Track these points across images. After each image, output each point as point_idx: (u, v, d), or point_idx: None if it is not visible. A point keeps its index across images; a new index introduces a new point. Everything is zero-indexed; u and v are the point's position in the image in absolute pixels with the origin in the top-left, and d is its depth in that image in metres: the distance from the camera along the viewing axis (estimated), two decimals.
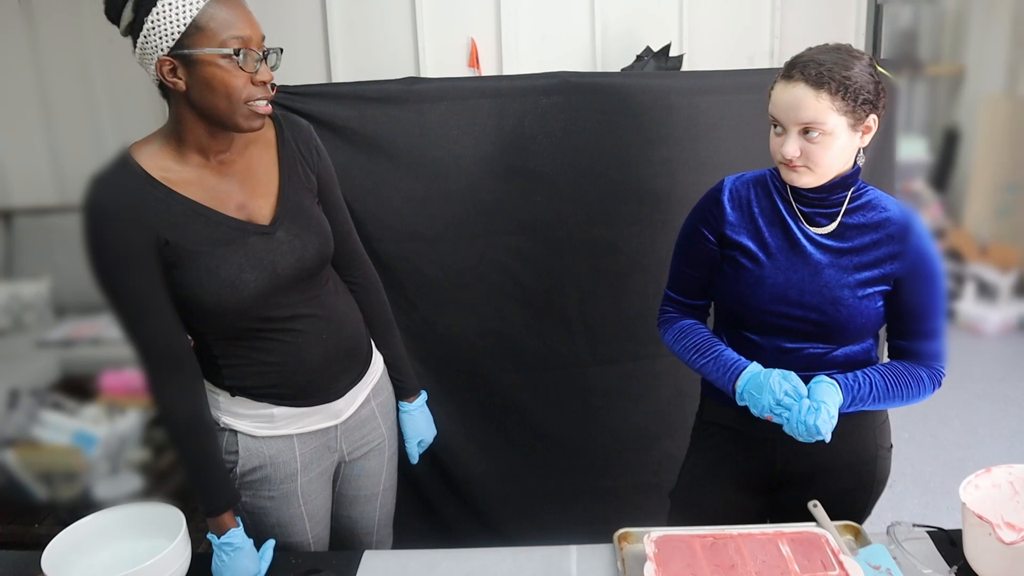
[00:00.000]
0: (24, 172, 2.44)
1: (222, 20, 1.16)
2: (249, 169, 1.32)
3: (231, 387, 1.36)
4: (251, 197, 1.31)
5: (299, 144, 1.38)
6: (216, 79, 1.17)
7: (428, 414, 1.68)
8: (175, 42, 1.16)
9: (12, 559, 1.40)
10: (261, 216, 1.31)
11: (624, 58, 2.20)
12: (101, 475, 1.99)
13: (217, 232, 1.25)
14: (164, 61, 1.17)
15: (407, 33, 2.20)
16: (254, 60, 1.19)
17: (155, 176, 1.22)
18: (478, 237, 2.03)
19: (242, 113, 1.21)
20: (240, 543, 1.32)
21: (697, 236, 1.46)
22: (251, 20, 1.20)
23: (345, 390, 1.44)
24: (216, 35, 1.16)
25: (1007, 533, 1.28)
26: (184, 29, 1.15)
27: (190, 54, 1.16)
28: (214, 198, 1.27)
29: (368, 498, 1.59)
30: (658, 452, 2.20)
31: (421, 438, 1.66)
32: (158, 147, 1.25)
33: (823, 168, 1.29)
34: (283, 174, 1.34)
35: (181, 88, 1.19)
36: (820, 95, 1.24)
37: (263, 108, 1.22)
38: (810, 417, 1.27)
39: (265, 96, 1.22)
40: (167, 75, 1.18)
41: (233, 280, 1.25)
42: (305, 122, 1.43)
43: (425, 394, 1.68)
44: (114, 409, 2.02)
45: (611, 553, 1.35)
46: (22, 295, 2.18)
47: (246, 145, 1.32)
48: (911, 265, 1.35)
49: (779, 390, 1.30)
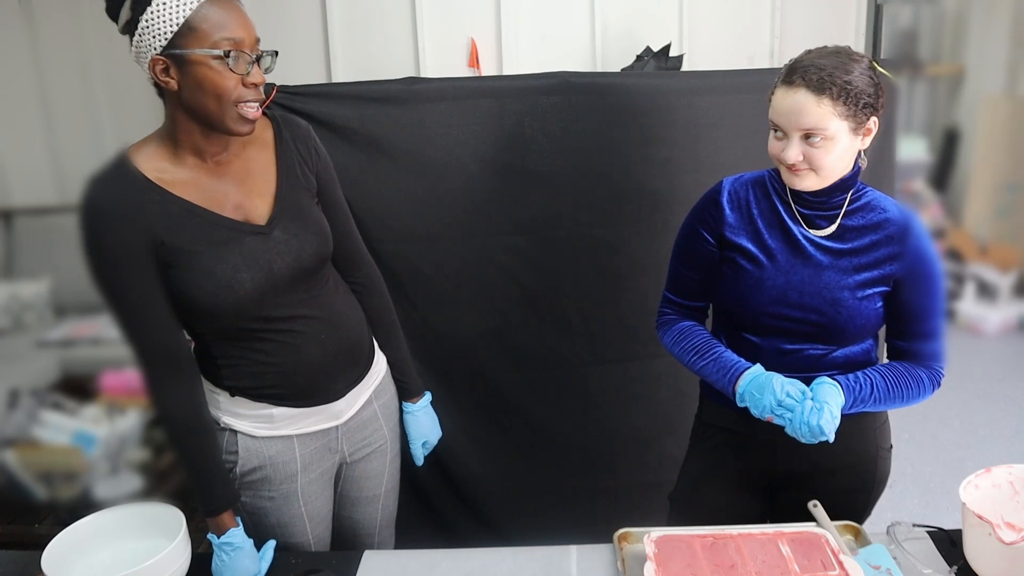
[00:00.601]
0: (24, 172, 2.44)
1: (214, 21, 1.16)
2: (246, 169, 1.32)
3: (230, 387, 1.36)
4: (248, 197, 1.31)
5: (297, 144, 1.38)
6: (207, 80, 1.18)
7: (433, 415, 1.68)
8: (168, 41, 1.16)
9: (12, 559, 1.40)
10: (258, 216, 1.31)
11: (624, 58, 2.20)
12: (101, 475, 1.99)
13: (213, 232, 1.25)
14: (157, 60, 1.17)
15: (407, 33, 2.20)
16: (246, 62, 1.19)
17: (151, 177, 1.23)
18: (478, 237, 2.03)
19: (231, 116, 1.21)
20: (240, 543, 1.31)
21: (696, 237, 1.46)
22: (245, 22, 1.21)
23: (345, 391, 1.44)
24: (208, 36, 1.16)
25: (1007, 533, 1.28)
26: (177, 29, 1.15)
27: (182, 54, 1.16)
28: (210, 199, 1.27)
29: (370, 499, 1.59)
30: (658, 452, 2.20)
31: (425, 439, 1.66)
32: (154, 148, 1.25)
33: (826, 171, 1.29)
34: (281, 174, 1.34)
35: (173, 88, 1.19)
36: (822, 101, 1.24)
37: (252, 112, 1.22)
38: (813, 417, 1.26)
39: (256, 98, 1.22)
40: (159, 74, 1.18)
41: (229, 280, 1.25)
42: (304, 122, 1.43)
43: (429, 395, 1.67)
44: (114, 409, 2.02)
45: (611, 553, 1.35)
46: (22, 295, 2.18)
47: (243, 146, 1.32)
48: (910, 266, 1.35)
49: (780, 391, 1.30)
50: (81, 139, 2.50)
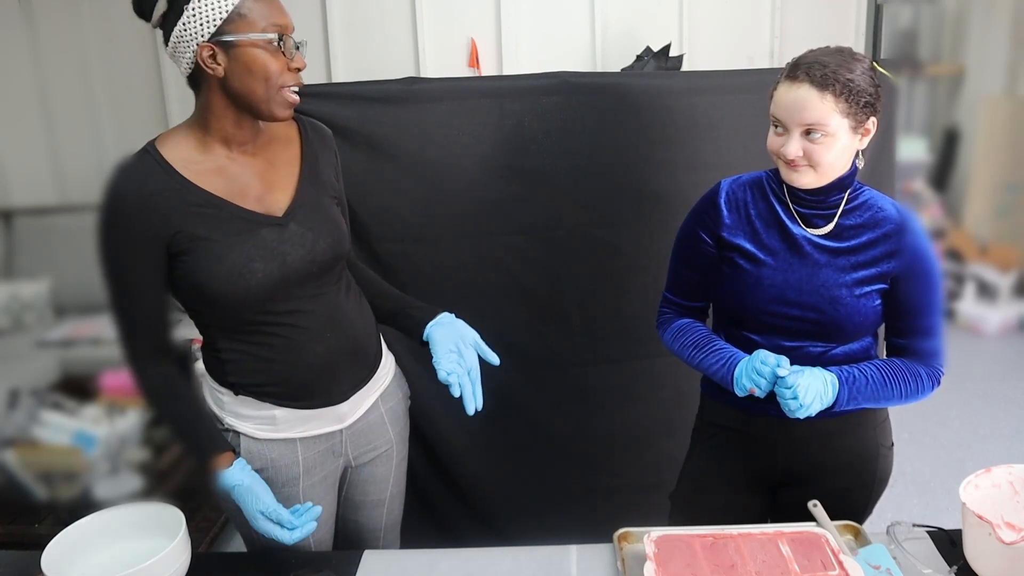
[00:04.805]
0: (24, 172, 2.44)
1: (261, 9, 1.22)
2: (270, 163, 1.34)
3: (234, 384, 1.36)
4: (269, 190, 1.33)
5: (322, 147, 1.42)
6: (257, 63, 1.22)
7: (459, 323, 1.46)
8: (216, 28, 1.20)
9: (12, 559, 1.40)
10: (277, 209, 1.33)
11: (624, 58, 2.20)
12: (101, 475, 1.99)
13: (230, 222, 1.27)
14: (204, 47, 1.21)
15: (407, 33, 2.21)
16: (291, 47, 1.25)
17: (175, 166, 1.26)
18: (478, 237, 2.03)
19: (276, 100, 1.25)
20: (235, 480, 1.30)
21: (694, 239, 1.47)
22: (284, 10, 1.27)
23: (349, 392, 1.44)
24: (257, 22, 1.21)
25: (1007, 533, 1.28)
26: (226, 16, 1.20)
27: (233, 40, 1.21)
28: (233, 189, 1.29)
29: (375, 504, 1.58)
30: (658, 452, 2.20)
31: (466, 338, 1.42)
32: (182, 137, 1.29)
33: (824, 168, 1.29)
34: (303, 171, 1.37)
35: (219, 74, 1.22)
36: (824, 96, 1.25)
37: (294, 97, 1.27)
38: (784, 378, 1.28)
39: (297, 84, 1.27)
40: (206, 61, 1.21)
41: (241, 269, 1.26)
42: (327, 128, 1.46)
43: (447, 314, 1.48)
44: (114, 409, 2.02)
45: (611, 553, 1.35)
46: (22, 295, 2.18)
47: (269, 141, 1.35)
48: (908, 263, 1.35)
49: (758, 357, 1.32)
50: (81, 139, 2.50)
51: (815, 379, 1.30)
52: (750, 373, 1.32)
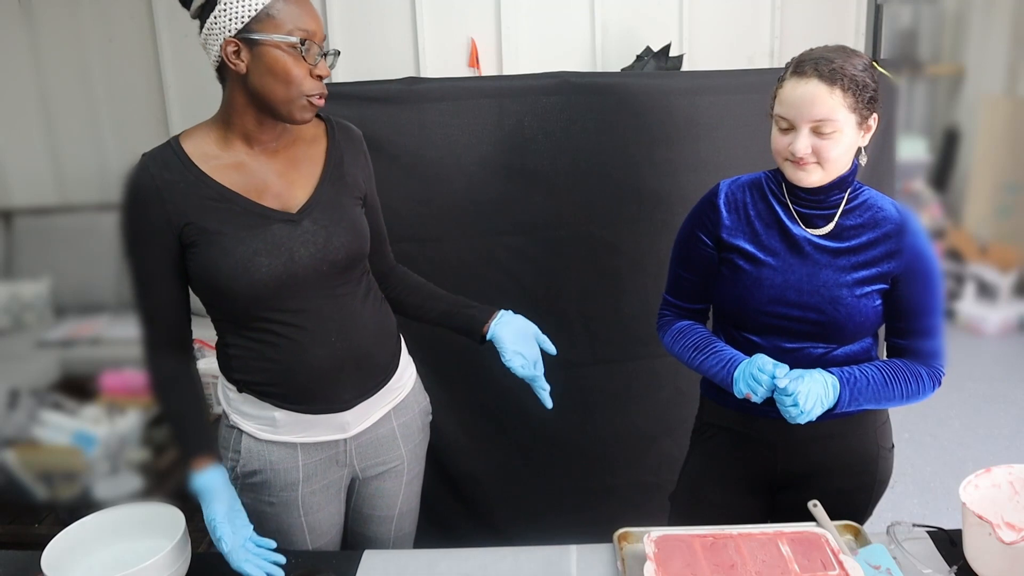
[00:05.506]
0: (24, 172, 2.44)
1: (291, 12, 1.22)
2: (292, 162, 1.34)
3: (238, 381, 1.37)
4: (289, 188, 1.32)
5: (350, 148, 1.41)
6: (279, 65, 1.22)
7: (522, 323, 1.54)
8: (243, 25, 1.20)
9: (12, 559, 1.40)
10: (294, 206, 1.32)
11: (624, 58, 2.20)
12: (101, 475, 1.99)
13: (242, 217, 1.28)
14: (230, 42, 1.21)
15: (407, 33, 2.21)
16: (316, 54, 1.24)
17: (193, 159, 1.27)
18: (478, 237, 2.03)
19: (298, 104, 1.25)
20: (205, 486, 1.28)
21: (694, 240, 1.47)
22: (316, 17, 1.26)
23: (353, 402, 1.41)
24: (283, 24, 1.21)
25: (1007, 533, 1.28)
26: (255, 14, 1.20)
27: (257, 39, 1.21)
28: (251, 185, 1.29)
29: (382, 519, 1.56)
30: (658, 452, 2.20)
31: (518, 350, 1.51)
32: (204, 132, 1.30)
33: (832, 164, 1.29)
34: (326, 170, 1.37)
35: (241, 71, 1.23)
36: (834, 91, 1.25)
37: (318, 100, 1.27)
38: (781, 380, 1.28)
39: (320, 91, 1.27)
40: (230, 56, 1.22)
41: (246, 262, 1.26)
42: (357, 130, 1.45)
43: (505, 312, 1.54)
44: (114, 409, 2.02)
45: (611, 553, 1.35)
46: (22, 295, 2.18)
47: (294, 140, 1.35)
48: (908, 263, 1.35)
49: (756, 363, 1.31)
50: (81, 139, 2.50)
51: (815, 383, 1.29)
52: (747, 379, 1.32)
